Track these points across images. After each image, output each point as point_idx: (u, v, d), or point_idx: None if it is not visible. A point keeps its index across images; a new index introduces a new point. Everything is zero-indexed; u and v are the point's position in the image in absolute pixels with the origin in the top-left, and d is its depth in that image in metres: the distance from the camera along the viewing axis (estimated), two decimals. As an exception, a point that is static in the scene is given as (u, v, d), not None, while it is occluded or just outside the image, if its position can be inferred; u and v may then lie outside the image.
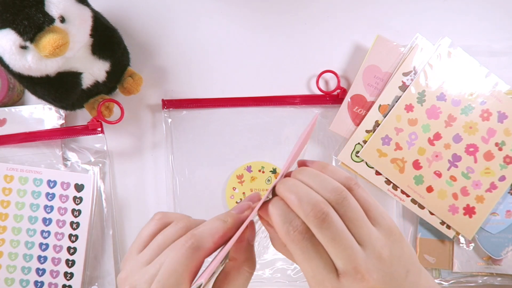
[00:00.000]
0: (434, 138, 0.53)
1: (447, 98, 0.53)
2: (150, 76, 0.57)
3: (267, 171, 0.57)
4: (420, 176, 0.53)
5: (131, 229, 0.57)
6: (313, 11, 0.59)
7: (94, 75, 0.50)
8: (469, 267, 0.55)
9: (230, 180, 0.57)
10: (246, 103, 0.57)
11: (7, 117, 0.54)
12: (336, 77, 0.56)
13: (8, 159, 0.54)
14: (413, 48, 0.53)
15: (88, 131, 0.54)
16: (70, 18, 0.42)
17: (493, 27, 0.59)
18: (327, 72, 0.57)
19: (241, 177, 0.57)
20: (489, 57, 0.56)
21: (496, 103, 0.53)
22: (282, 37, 0.59)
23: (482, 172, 0.53)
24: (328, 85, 0.58)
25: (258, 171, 0.57)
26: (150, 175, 0.57)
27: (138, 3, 0.58)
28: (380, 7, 0.59)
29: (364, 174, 0.54)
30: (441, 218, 0.53)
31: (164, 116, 0.56)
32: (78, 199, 0.54)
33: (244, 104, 0.57)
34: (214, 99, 0.57)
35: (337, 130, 0.55)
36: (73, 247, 0.53)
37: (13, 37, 0.40)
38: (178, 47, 0.58)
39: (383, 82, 0.54)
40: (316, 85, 0.57)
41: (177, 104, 0.56)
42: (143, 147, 0.58)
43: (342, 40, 0.59)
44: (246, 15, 0.59)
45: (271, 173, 0.57)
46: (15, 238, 0.53)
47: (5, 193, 0.53)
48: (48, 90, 0.47)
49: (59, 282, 0.53)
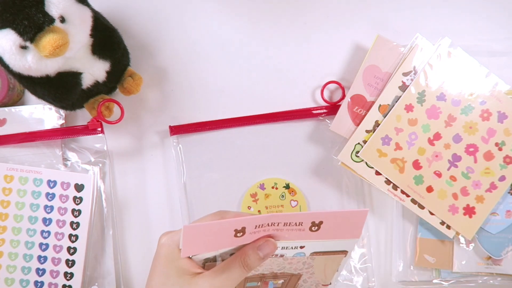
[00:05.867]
0: (434, 138, 0.53)
1: (447, 98, 0.53)
2: (150, 76, 0.57)
3: (281, 186, 0.57)
4: (420, 176, 0.53)
5: (131, 229, 0.57)
6: (313, 11, 0.59)
7: (94, 75, 0.50)
8: (469, 267, 0.55)
9: (245, 199, 0.57)
10: (251, 122, 0.57)
11: (7, 117, 0.54)
12: (341, 87, 0.57)
13: (8, 159, 0.54)
14: (413, 48, 0.53)
15: (88, 131, 0.54)
16: (70, 18, 0.42)
17: (493, 26, 0.59)
18: (332, 83, 0.57)
19: (255, 195, 0.57)
20: (489, 57, 0.56)
21: (496, 103, 0.53)
22: (282, 37, 0.59)
23: (482, 172, 0.53)
24: (333, 94, 0.58)
25: (271, 187, 0.57)
26: (150, 175, 0.57)
27: (138, 3, 0.58)
28: (380, 7, 0.59)
29: (364, 174, 0.54)
30: (441, 218, 0.53)
31: (173, 143, 0.56)
32: (78, 199, 0.54)
33: (249, 122, 0.57)
34: (220, 121, 0.57)
35: (337, 130, 0.55)
36: (73, 247, 0.53)
37: (13, 37, 0.40)
38: (178, 47, 0.58)
39: (383, 82, 0.54)
40: (320, 96, 0.57)
41: (185, 129, 0.56)
42: (143, 147, 0.58)
43: (342, 40, 0.59)
44: (247, 15, 0.59)
45: (285, 189, 0.57)
46: (15, 238, 0.53)
47: (5, 193, 0.53)
48: (48, 90, 0.47)
49: (59, 282, 0.53)
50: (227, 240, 0.36)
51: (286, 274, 0.44)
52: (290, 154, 0.58)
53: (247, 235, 0.36)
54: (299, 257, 0.41)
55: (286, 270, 0.43)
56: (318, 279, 0.46)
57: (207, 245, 0.36)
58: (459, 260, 0.55)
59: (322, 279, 0.46)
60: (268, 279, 0.44)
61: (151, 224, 0.57)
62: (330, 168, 0.58)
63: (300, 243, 0.39)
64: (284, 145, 0.58)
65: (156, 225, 0.57)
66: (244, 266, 0.37)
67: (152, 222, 0.57)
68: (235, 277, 0.37)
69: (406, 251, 0.57)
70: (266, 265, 0.41)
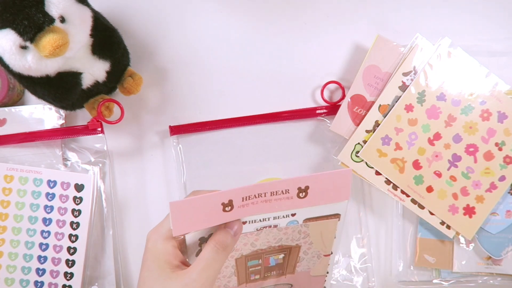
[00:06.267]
0: (434, 138, 0.53)
1: (447, 98, 0.53)
2: (150, 76, 0.57)
3: None
4: (420, 176, 0.53)
5: (131, 229, 0.57)
6: (313, 11, 0.59)
7: (94, 75, 0.50)
8: (469, 267, 0.55)
9: None
10: (251, 122, 0.57)
11: (7, 117, 0.54)
12: (341, 87, 0.57)
13: (8, 159, 0.54)
14: (413, 48, 0.53)
15: (88, 131, 0.54)
16: (70, 18, 0.42)
17: (493, 26, 0.59)
18: (332, 83, 0.57)
19: None
20: (489, 57, 0.56)
21: (496, 103, 0.53)
22: (282, 37, 0.59)
23: (482, 172, 0.53)
24: (333, 94, 0.58)
25: None
26: (150, 175, 0.57)
27: (138, 3, 0.58)
28: (380, 7, 0.59)
29: (364, 174, 0.54)
30: (441, 218, 0.53)
31: (173, 143, 0.56)
32: (78, 199, 0.54)
33: (249, 122, 0.57)
34: (220, 121, 0.57)
35: (337, 130, 0.55)
36: (73, 247, 0.53)
37: (13, 37, 0.40)
38: (178, 47, 0.58)
39: (383, 82, 0.54)
40: (320, 96, 0.57)
41: (185, 129, 0.56)
42: (143, 147, 0.58)
43: (342, 40, 0.59)
44: (246, 14, 0.59)
45: None
46: (15, 238, 0.53)
47: (5, 193, 0.53)
48: (48, 90, 0.47)
49: (59, 282, 0.53)
50: (216, 216, 0.36)
51: (285, 247, 0.44)
52: (290, 154, 0.58)
53: (236, 210, 0.36)
54: (293, 225, 0.41)
55: (283, 242, 0.43)
56: (318, 249, 0.45)
57: (197, 222, 0.36)
58: (459, 260, 0.55)
59: (322, 249, 0.46)
60: (268, 254, 0.44)
61: (151, 224, 0.56)
62: (330, 168, 0.58)
63: (291, 211, 0.39)
64: (284, 145, 0.58)
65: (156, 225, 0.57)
66: (217, 245, 0.37)
67: (152, 222, 0.57)
68: (211, 263, 0.37)
69: (406, 251, 0.57)
70: (261, 238, 0.42)
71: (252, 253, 0.43)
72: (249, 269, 0.45)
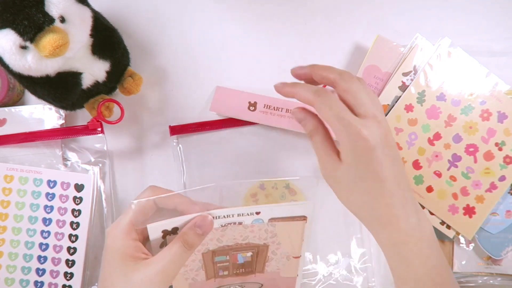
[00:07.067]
0: (434, 138, 0.53)
1: (447, 98, 0.53)
2: (150, 76, 0.57)
3: (281, 187, 0.57)
4: (420, 176, 0.53)
5: (131, 229, 0.57)
6: (312, 11, 0.59)
7: (94, 75, 0.50)
8: (469, 267, 0.55)
9: (244, 199, 0.56)
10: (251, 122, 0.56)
11: (7, 117, 0.54)
12: None
13: (8, 159, 0.54)
14: (413, 48, 0.53)
15: (88, 131, 0.54)
16: (70, 18, 0.42)
17: (493, 26, 0.59)
18: None
19: (255, 195, 0.56)
20: (489, 57, 0.56)
21: (496, 103, 0.53)
22: (282, 37, 0.59)
23: (482, 172, 0.53)
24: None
25: (271, 187, 0.57)
26: (150, 175, 0.57)
27: (138, 3, 0.58)
28: (380, 7, 0.59)
29: (364, 174, 0.54)
30: (441, 218, 0.53)
31: (173, 143, 0.56)
32: (78, 199, 0.54)
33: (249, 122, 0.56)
34: (220, 121, 0.56)
35: (337, 130, 0.55)
36: (73, 247, 0.53)
37: (13, 37, 0.40)
38: (178, 47, 0.58)
39: (383, 82, 0.54)
40: None
41: (185, 129, 0.56)
42: (143, 147, 0.58)
43: (342, 40, 0.59)
44: (246, 15, 0.59)
45: (285, 189, 0.57)
46: (15, 238, 0.53)
47: (5, 193, 0.53)
48: (48, 90, 0.47)
49: (59, 282, 0.53)
50: (242, 112, 0.47)
51: (252, 245, 0.45)
52: (290, 154, 0.58)
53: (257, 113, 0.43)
54: (259, 224, 0.42)
55: (250, 240, 0.44)
56: (286, 250, 0.46)
57: (229, 109, 0.48)
58: (459, 260, 0.55)
59: (291, 251, 0.46)
60: (235, 251, 0.45)
61: (151, 224, 0.57)
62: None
63: (256, 209, 0.40)
64: (284, 145, 0.58)
65: (156, 225, 0.57)
66: (185, 245, 0.38)
67: (152, 222, 0.57)
68: (177, 259, 0.38)
69: (406, 251, 0.57)
70: (227, 235, 0.42)
71: (219, 249, 0.44)
72: (217, 264, 0.45)
